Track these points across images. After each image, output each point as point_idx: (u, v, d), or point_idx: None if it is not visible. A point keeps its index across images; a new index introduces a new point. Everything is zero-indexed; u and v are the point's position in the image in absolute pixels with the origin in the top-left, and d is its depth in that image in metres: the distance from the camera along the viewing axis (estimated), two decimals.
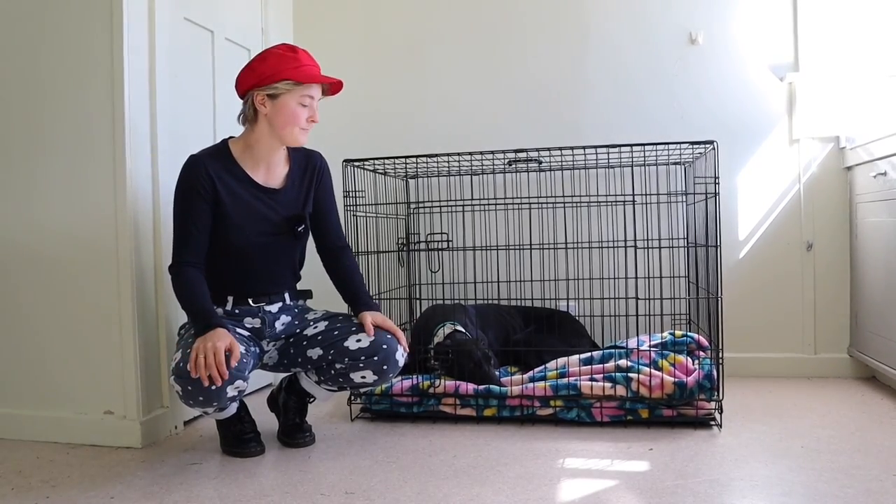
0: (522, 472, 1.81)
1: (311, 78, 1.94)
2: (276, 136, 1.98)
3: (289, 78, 1.91)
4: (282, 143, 2.01)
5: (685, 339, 2.46)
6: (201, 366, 1.74)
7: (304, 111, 1.96)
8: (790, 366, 2.84)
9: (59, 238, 2.17)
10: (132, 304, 2.11)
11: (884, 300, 2.46)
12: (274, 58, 1.93)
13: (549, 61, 3.01)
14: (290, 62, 1.92)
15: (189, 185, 1.94)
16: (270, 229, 2.02)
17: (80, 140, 2.14)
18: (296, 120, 1.95)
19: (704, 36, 2.89)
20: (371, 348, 1.96)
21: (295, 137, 1.98)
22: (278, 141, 2.00)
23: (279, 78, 1.91)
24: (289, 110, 1.94)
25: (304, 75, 1.93)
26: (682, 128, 2.89)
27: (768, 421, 2.21)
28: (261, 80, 1.92)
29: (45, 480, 1.84)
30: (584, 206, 2.82)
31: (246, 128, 2.02)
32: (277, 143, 2.00)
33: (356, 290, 2.11)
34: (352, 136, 3.12)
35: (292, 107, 1.94)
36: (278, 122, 1.95)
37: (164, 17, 2.24)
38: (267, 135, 1.98)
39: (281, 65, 1.92)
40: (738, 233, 2.89)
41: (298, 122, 1.96)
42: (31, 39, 2.17)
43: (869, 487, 1.64)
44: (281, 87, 1.92)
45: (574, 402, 2.21)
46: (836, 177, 2.81)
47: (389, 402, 2.32)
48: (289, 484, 1.77)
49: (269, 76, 1.92)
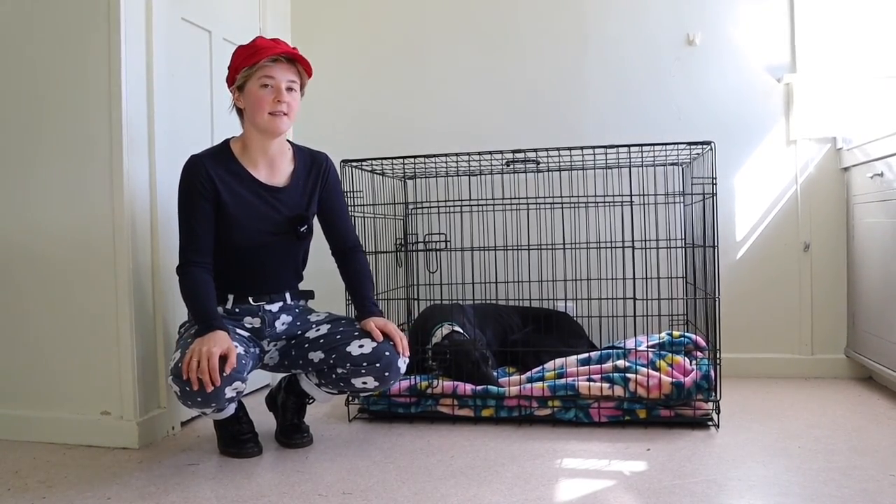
0: (520, 473, 1.81)
1: (259, 56, 1.92)
2: (255, 128, 1.98)
3: (245, 64, 1.94)
4: (264, 135, 1.99)
5: (683, 340, 2.47)
6: (194, 370, 1.74)
7: (267, 92, 1.93)
8: (787, 366, 2.85)
9: (57, 238, 2.17)
10: (129, 305, 2.10)
11: (880, 301, 2.46)
12: (237, 53, 1.98)
13: (548, 62, 3.01)
14: (246, 51, 1.95)
15: (190, 185, 1.94)
16: (273, 228, 2.02)
17: (77, 140, 2.13)
18: (260, 103, 1.93)
19: (702, 37, 2.89)
20: (373, 355, 1.95)
21: (266, 123, 1.95)
22: (259, 132, 1.99)
23: (239, 68, 1.95)
24: (253, 95, 1.94)
25: (255, 55, 1.93)
26: (680, 128, 2.89)
27: (765, 421, 2.21)
28: (231, 77, 1.99)
29: (42, 481, 1.83)
30: (582, 207, 2.82)
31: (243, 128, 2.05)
32: (260, 136, 1.99)
33: (363, 297, 2.08)
34: (350, 136, 3.12)
35: (255, 91, 1.94)
36: (250, 112, 1.97)
37: (161, 16, 2.24)
38: (252, 130, 2.00)
39: (240, 55, 1.97)
40: (735, 233, 2.89)
41: (262, 105, 1.93)
42: (27, 40, 2.17)
43: (865, 487, 1.64)
44: (241, 75, 1.95)
45: (572, 402, 2.21)
46: (833, 178, 2.81)
47: (387, 402, 2.31)
48: (286, 484, 1.77)
49: (233, 70, 1.98)
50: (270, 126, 1.95)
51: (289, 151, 2.09)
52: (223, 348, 1.77)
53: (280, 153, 2.06)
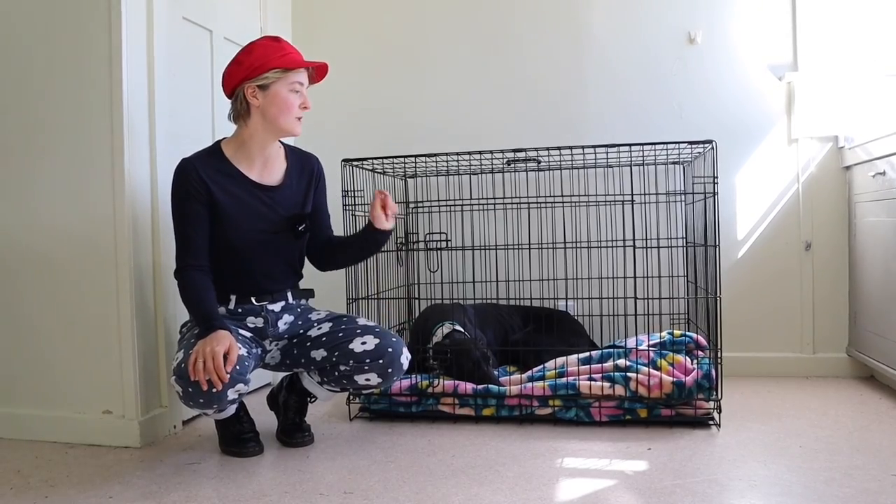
0: (521, 472, 1.81)
1: (298, 63, 1.95)
2: (270, 128, 1.98)
3: (277, 66, 1.92)
4: (277, 135, 2.00)
5: (684, 339, 2.47)
6: (200, 370, 1.74)
7: (297, 97, 1.97)
8: (789, 365, 2.84)
9: (58, 238, 2.17)
10: (131, 304, 2.11)
11: (882, 299, 2.46)
12: (260, 49, 1.94)
13: (548, 60, 3.01)
14: (276, 51, 1.94)
15: (181, 189, 1.95)
16: (269, 227, 2.02)
17: (79, 139, 2.14)
18: (289, 107, 1.95)
19: (703, 35, 2.89)
20: (376, 351, 1.96)
21: (291, 126, 1.98)
22: (273, 133, 1.99)
23: (268, 67, 1.92)
24: (281, 98, 1.94)
25: (292, 62, 1.95)
26: (681, 127, 2.89)
27: (767, 420, 2.21)
28: (250, 72, 1.93)
29: (44, 480, 1.84)
30: (583, 206, 2.82)
31: (238, 125, 2.01)
32: (272, 135, 2.00)
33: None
34: (350, 135, 3.12)
35: (284, 94, 1.94)
36: (272, 113, 1.95)
37: (162, 16, 2.24)
38: (261, 128, 1.98)
39: (268, 54, 1.93)
40: (736, 232, 2.89)
41: (292, 109, 1.96)
42: (29, 39, 2.17)
43: (867, 487, 1.64)
44: (271, 76, 1.93)
45: (573, 401, 2.21)
46: (835, 176, 2.81)
47: (388, 401, 2.32)
48: (287, 483, 1.77)
49: (257, 67, 1.92)
50: (293, 129, 1.99)
51: (281, 151, 2.10)
52: (225, 346, 1.77)
53: (275, 153, 2.07)
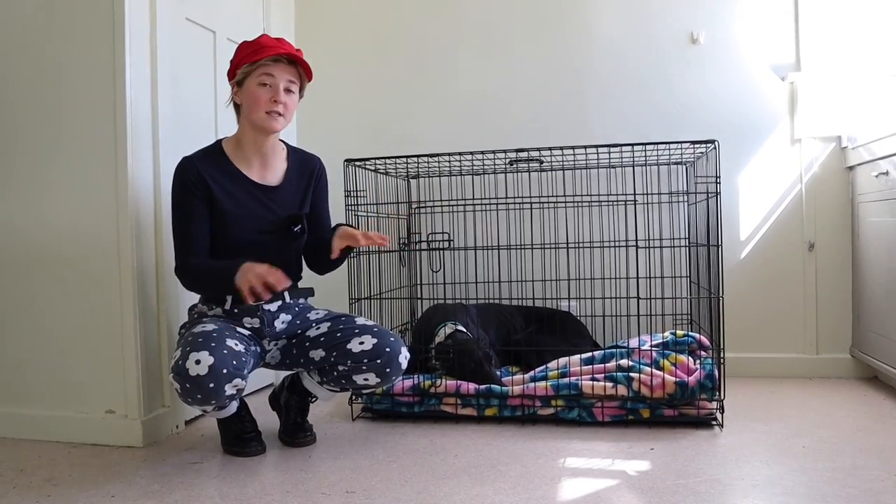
0: (523, 472, 1.81)
1: (261, 55, 1.93)
2: (250, 125, 2.00)
3: (246, 61, 1.95)
4: (258, 132, 2.00)
5: (686, 339, 2.46)
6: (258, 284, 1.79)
7: (265, 91, 1.95)
8: (792, 366, 2.84)
9: (60, 238, 2.17)
10: (133, 304, 2.11)
11: (886, 300, 2.45)
12: (239, 49, 2.00)
13: (551, 61, 3.01)
14: (249, 48, 1.97)
15: (182, 187, 1.96)
16: (267, 227, 2.02)
17: (83, 139, 2.14)
18: (257, 101, 1.95)
19: (706, 36, 2.89)
20: (374, 351, 1.96)
21: (262, 121, 1.97)
22: (254, 130, 2.00)
23: (241, 64, 1.96)
24: (250, 93, 1.96)
25: (255, 54, 1.94)
26: (684, 127, 2.89)
27: (770, 421, 2.21)
28: (231, 72, 2.01)
29: (47, 479, 1.84)
30: (586, 206, 2.82)
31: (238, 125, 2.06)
32: (255, 133, 2.01)
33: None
34: (353, 135, 3.13)
35: (252, 89, 1.96)
36: (246, 109, 1.99)
37: (165, 17, 2.24)
38: (247, 126, 2.01)
39: (243, 51, 1.98)
40: (739, 232, 2.89)
41: (259, 103, 1.95)
42: (32, 41, 2.18)
43: (870, 487, 1.63)
44: (241, 72, 1.96)
45: (575, 401, 2.21)
46: (838, 176, 2.80)
47: (390, 401, 2.32)
48: (290, 483, 1.77)
49: (235, 65, 1.99)
50: (265, 124, 1.97)
51: (282, 151, 2.11)
52: (263, 268, 1.82)
53: (274, 152, 2.07)
